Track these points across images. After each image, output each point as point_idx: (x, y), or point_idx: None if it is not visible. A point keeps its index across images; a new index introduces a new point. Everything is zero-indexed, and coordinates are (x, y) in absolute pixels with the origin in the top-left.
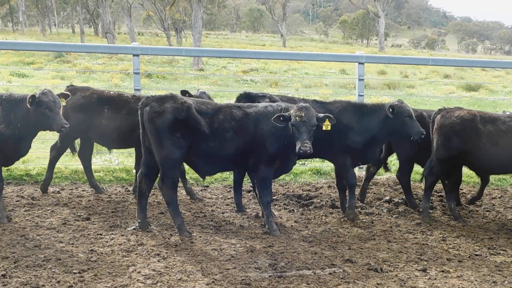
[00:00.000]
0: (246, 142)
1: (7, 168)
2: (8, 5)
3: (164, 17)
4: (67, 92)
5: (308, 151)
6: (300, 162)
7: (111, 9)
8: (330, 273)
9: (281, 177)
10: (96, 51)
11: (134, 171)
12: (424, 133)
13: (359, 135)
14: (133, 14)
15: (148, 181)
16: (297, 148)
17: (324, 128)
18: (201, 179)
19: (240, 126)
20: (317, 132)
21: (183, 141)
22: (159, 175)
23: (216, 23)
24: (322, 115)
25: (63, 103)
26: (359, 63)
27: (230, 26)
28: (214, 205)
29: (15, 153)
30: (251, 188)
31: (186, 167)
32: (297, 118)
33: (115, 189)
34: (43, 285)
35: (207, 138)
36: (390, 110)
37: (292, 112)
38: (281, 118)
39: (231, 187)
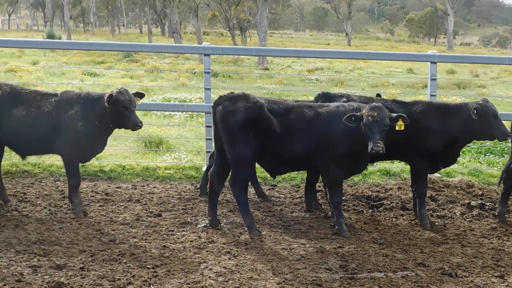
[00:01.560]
0: (317, 142)
1: (82, 164)
2: (80, 7)
3: (229, 17)
4: (143, 92)
5: (381, 152)
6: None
7: (178, 9)
8: (402, 277)
9: (350, 177)
10: (167, 51)
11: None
12: (510, 134)
13: (441, 137)
14: (199, 14)
15: (219, 180)
16: (369, 148)
17: (397, 128)
18: (270, 178)
19: (312, 126)
20: (396, 133)
21: (255, 140)
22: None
23: (280, 22)
24: (395, 114)
25: (138, 102)
26: (431, 62)
27: (294, 25)
28: (283, 204)
29: (92, 150)
30: (320, 188)
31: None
32: (369, 118)
33: (185, 187)
34: (119, 279)
35: (279, 138)
36: (475, 111)
37: (364, 111)
38: (353, 118)
39: (299, 187)
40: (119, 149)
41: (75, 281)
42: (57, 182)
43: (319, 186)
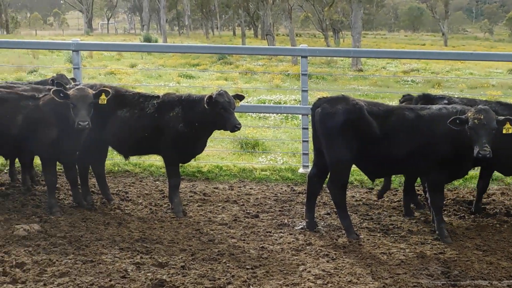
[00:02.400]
0: (418, 145)
1: (181, 165)
2: (175, 10)
3: (323, 18)
4: (242, 94)
5: (488, 156)
6: None
7: (271, 12)
8: (508, 285)
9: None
10: (266, 53)
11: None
12: None
13: None
14: (292, 16)
15: (317, 182)
16: (475, 152)
17: (504, 131)
18: (367, 181)
19: (413, 129)
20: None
21: (354, 142)
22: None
23: (374, 22)
24: (503, 117)
25: (238, 104)
26: None
27: (388, 26)
28: (380, 208)
29: (192, 151)
30: (419, 192)
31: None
32: (475, 120)
33: (281, 188)
34: (219, 278)
35: (378, 140)
36: None
37: (469, 114)
38: (458, 121)
39: (396, 190)
40: (216, 150)
41: (177, 279)
42: (157, 182)
43: (418, 190)
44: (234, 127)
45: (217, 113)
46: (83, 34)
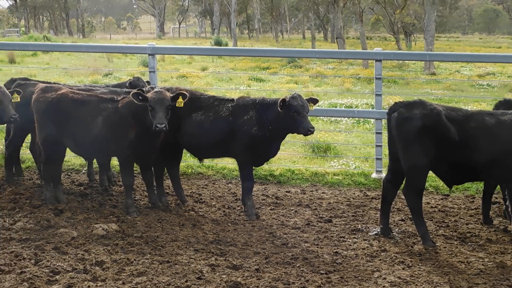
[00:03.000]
0: (499, 152)
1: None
2: (245, 14)
3: (394, 21)
4: (316, 98)
5: None
6: None
7: (342, 15)
8: None
9: None
10: (339, 57)
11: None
12: None
13: None
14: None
15: (392, 187)
16: None
17: None
18: (442, 187)
19: (493, 135)
20: None
21: (431, 148)
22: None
23: (447, 25)
24: None
25: (312, 108)
26: None
27: (462, 28)
28: (457, 215)
29: (265, 154)
30: (497, 200)
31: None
32: None
33: (354, 193)
34: (293, 282)
35: (457, 146)
36: None
37: None
38: None
39: (473, 197)
40: (287, 154)
41: (251, 282)
42: (229, 185)
43: (495, 198)
44: (308, 130)
45: (291, 116)
46: (155, 38)
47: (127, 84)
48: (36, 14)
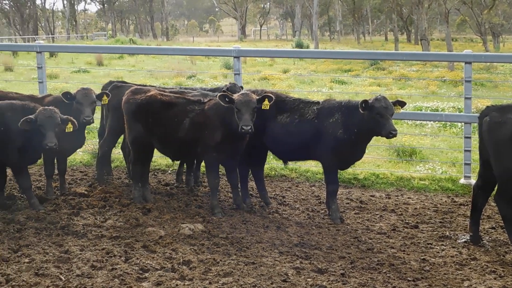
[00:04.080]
0: None
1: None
2: (327, 16)
3: (481, 21)
4: (404, 101)
5: None
6: None
7: (426, 16)
8: None
9: None
10: (427, 59)
11: None
12: None
13: None
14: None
15: (482, 194)
16: None
17: None
18: None
19: None
20: None
21: None
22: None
23: None
24: None
25: (399, 110)
26: None
27: None
28: None
29: (351, 157)
30: None
31: None
32: None
33: (441, 199)
34: None
35: None
36: None
37: None
38: None
39: None
40: (372, 157)
41: (337, 286)
42: (313, 188)
43: None
44: (389, 133)
45: (373, 118)
46: (236, 41)
47: (223, 89)
48: (122, 18)
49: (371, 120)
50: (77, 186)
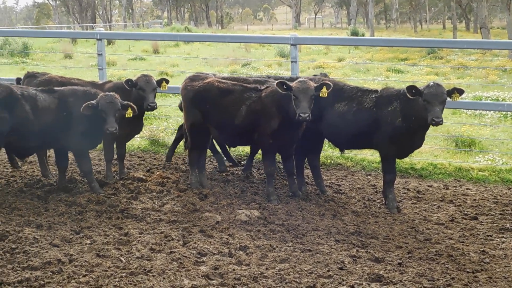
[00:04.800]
0: None
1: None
2: (383, 4)
3: None
4: (462, 88)
5: None
6: None
7: (487, 3)
8: None
9: None
10: (488, 47)
11: None
12: None
13: None
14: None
15: None
16: None
17: None
18: None
19: None
20: None
21: None
22: None
23: None
24: None
25: (457, 98)
26: None
27: None
28: None
29: (409, 146)
30: None
31: None
32: None
33: (501, 190)
34: (438, 279)
35: None
36: None
37: None
38: None
39: None
40: (429, 147)
41: (394, 275)
42: (369, 177)
43: None
44: (432, 120)
45: (421, 104)
46: (291, 29)
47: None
48: (178, 6)
49: (419, 106)
50: (135, 171)
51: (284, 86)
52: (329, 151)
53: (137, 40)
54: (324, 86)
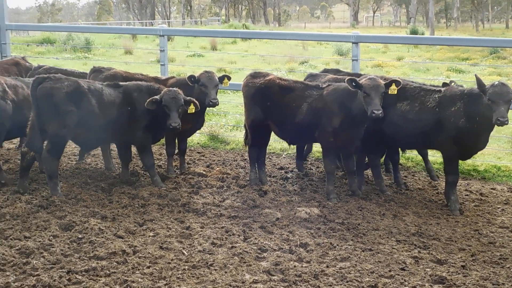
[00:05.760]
0: None
1: None
2: (444, 2)
3: None
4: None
5: None
6: None
7: None
8: None
9: None
10: None
11: None
12: None
13: None
14: None
15: None
16: None
17: None
18: None
19: None
20: None
21: None
22: None
23: None
24: None
25: None
26: None
27: None
28: None
29: (473, 147)
30: None
31: None
32: None
33: None
34: (502, 283)
35: None
36: None
37: None
38: None
39: None
40: (492, 149)
41: (457, 278)
42: (429, 178)
43: None
44: (497, 120)
45: (486, 104)
46: (348, 27)
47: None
48: (235, 3)
49: (484, 106)
50: (196, 166)
51: (354, 84)
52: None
53: (197, 36)
54: (394, 83)
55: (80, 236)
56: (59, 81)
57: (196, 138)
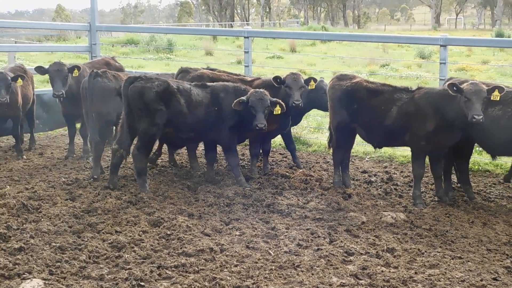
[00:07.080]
0: None
1: None
2: None
3: None
4: None
5: None
6: None
7: None
8: None
9: None
10: None
11: None
12: None
13: None
14: None
15: None
16: None
17: None
18: None
19: None
20: None
21: None
22: None
23: None
24: None
25: None
26: None
27: None
28: None
29: None
30: None
31: None
32: None
33: None
34: None
35: None
36: None
37: None
38: None
39: None
40: None
41: None
42: None
43: None
44: None
45: None
46: (430, 29)
47: None
48: (314, 5)
49: None
50: (278, 167)
51: (454, 88)
52: (476, 157)
53: (278, 38)
54: (496, 89)
55: (168, 232)
56: (150, 81)
57: (278, 139)
